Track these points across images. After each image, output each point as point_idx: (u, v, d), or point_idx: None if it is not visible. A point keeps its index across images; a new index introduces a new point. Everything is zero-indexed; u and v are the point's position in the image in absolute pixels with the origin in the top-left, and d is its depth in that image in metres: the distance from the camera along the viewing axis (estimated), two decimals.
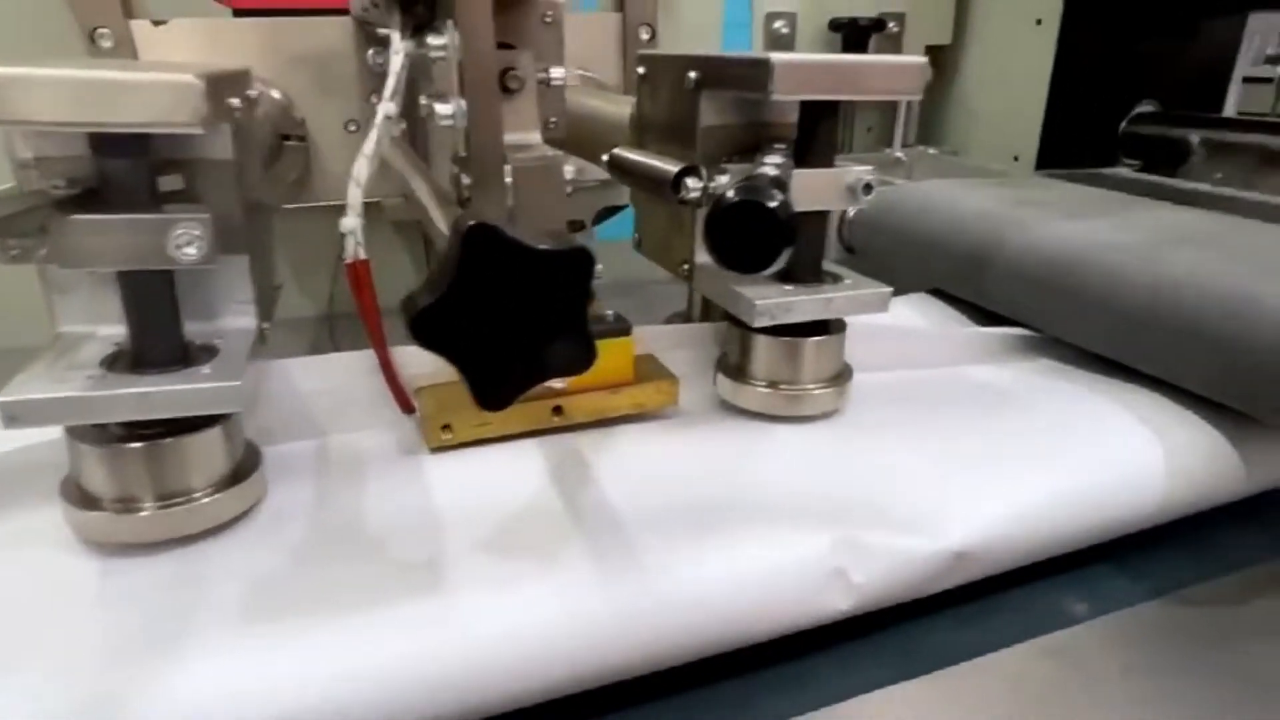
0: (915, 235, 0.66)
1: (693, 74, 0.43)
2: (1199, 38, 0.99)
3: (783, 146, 0.42)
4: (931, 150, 1.02)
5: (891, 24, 0.99)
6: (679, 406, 0.47)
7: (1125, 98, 0.99)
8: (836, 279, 0.45)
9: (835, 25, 0.94)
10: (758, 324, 0.42)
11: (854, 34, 0.93)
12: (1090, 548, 0.44)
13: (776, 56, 0.36)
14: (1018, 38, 0.97)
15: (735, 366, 0.47)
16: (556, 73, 0.42)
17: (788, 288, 0.43)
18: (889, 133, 1.07)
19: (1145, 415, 0.47)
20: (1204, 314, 0.45)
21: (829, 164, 0.42)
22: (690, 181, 0.39)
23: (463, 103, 0.36)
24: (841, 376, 0.47)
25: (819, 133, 0.42)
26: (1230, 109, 1.05)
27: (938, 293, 0.66)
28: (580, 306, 0.27)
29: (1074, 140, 0.97)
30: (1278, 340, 0.41)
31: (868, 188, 0.42)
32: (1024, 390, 0.50)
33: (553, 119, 0.46)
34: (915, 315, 0.66)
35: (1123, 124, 0.99)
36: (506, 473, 0.41)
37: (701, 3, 0.90)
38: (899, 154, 1.00)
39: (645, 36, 0.87)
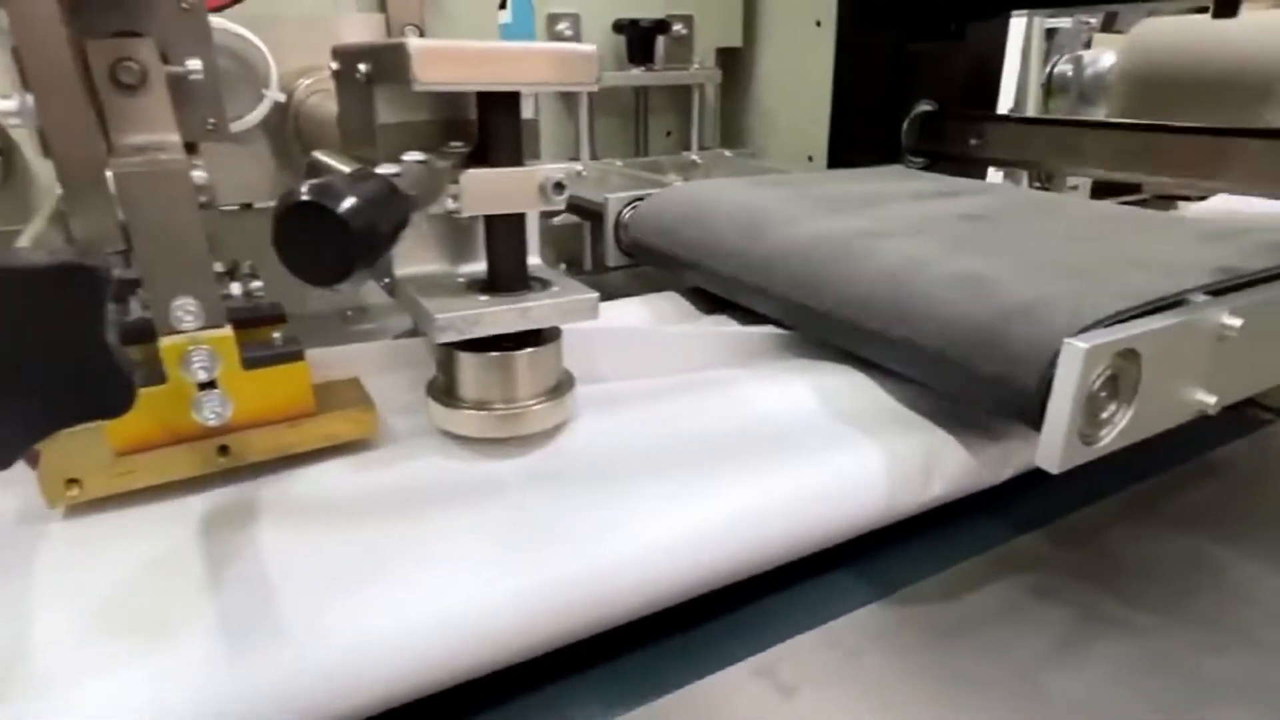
0: (682, 235, 0.64)
1: (362, 66, 0.39)
2: (968, 39, 1.03)
3: (459, 145, 0.38)
4: (728, 153, 1.01)
5: (678, 26, 0.98)
6: (384, 435, 0.43)
7: (907, 97, 1.02)
8: (545, 285, 0.42)
9: (618, 27, 0.92)
10: (441, 340, 0.38)
11: (637, 36, 0.91)
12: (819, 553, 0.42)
13: (415, 42, 0.33)
14: (801, 40, 0.98)
15: (443, 388, 0.43)
16: (193, 65, 0.37)
17: (482, 298, 0.40)
18: (689, 136, 1.06)
19: (875, 416, 0.47)
20: (939, 317, 0.44)
21: (516, 163, 0.39)
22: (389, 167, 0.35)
23: (28, 97, 0.30)
24: (561, 388, 0.44)
25: (498, 129, 0.38)
26: (1003, 106, 1.11)
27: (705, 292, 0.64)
28: (94, 333, 0.22)
29: (862, 139, 1.00)
30: (1014, 342, 0.40)
31: (558, 187, 0.39)
32: (762, 395, 0.49)
33: (210, 119, 0.41)
34: (676, 316, 0.65)
35: (905, 123, 1.02)
36: (144, 531, 0.35)
37: (477, 2, 0.86)
38: (695, 157, 0.99)
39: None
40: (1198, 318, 0.40)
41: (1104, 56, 1.13)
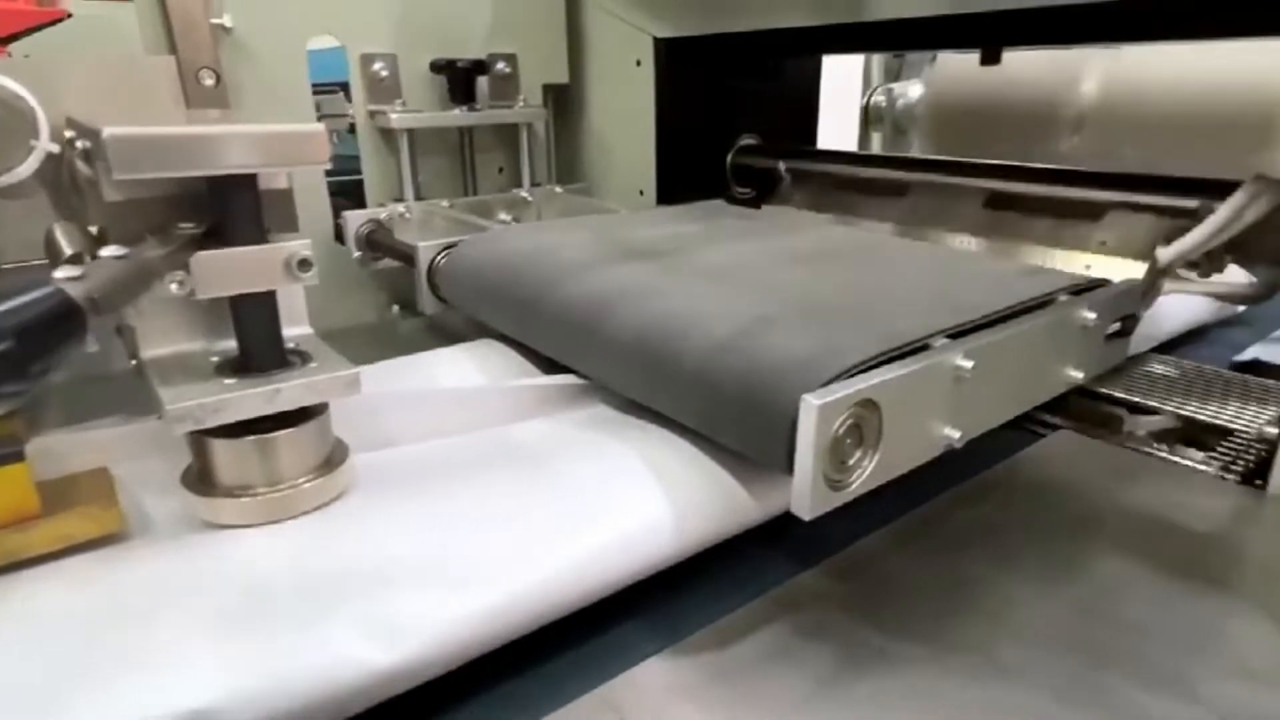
0: (482, 286, 0.64)
1: (80, 144, 0.37)
2: (786, 77, 1.09)
3: (189, 225, 0.36)
4: (559, 189, 1.02)
5: (501, 64, 0.98)
6: (142, 524, 0.40)
7: (730, 132, 1.06)
8: (305, 360, 0.41)
9: (435, 67, 0.91)
10: (177, 432, 0.36)
11: (456, 76, 0.91)
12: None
13: (111, 131, 0.31)
14: (624, 78, 1.00)
15: (198, 475, 0.41)
16: None
17: (229, 381, 0.38)
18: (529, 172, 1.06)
19: (663, 463, 0.48)
20: (712, 364, 0.46)
21: (256, 240, 0.38)
22: (68, 270, 0.32)
23: None
24: (331, 462, 0.42)
25: (233, 207, 0.37)
26: (822, 140, 1.17)
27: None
28: None
29: (690, 173, 1.02)
30: (762, 401, 0.42)
31: (304, 264, 0.38)
32: (553, 445, 0.49)
33: None
34: (499, 364, 0.64)
35: (729, 156, 1.06)
36: None
37: (282, 43, 0.83)
38: (525, 194, 0.99)
39: (209, 82, 0.79)
40: (934, 362, 0.43)
41: (912, 88, 1.21)
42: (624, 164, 1.05)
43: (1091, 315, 0.53)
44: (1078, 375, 0.54)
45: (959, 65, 1.13)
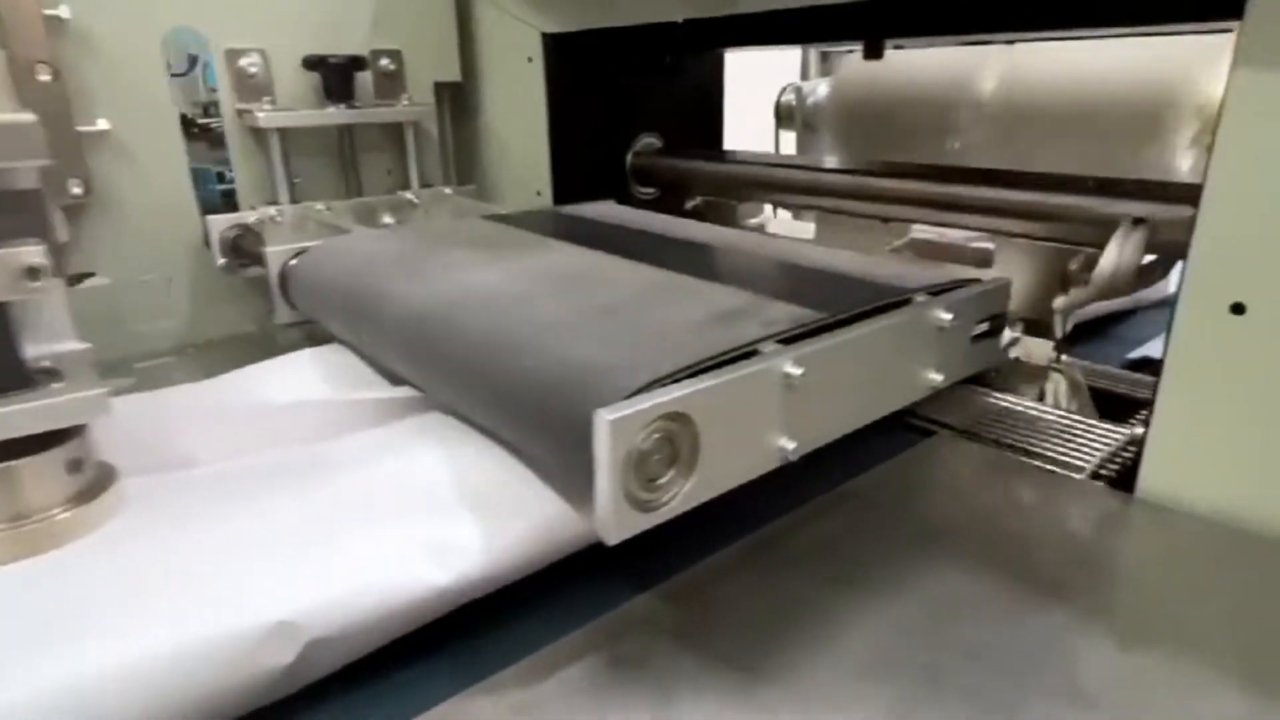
0: (327, 290, 0.59)
1: None
2: (686, 75, 1.06)
3: None
4: (449, 190, 0.98)
5: (385, 60, 0.94)
6: None
7: (628, 131, 1.03)
8: (54, 378, 0.37)
9: (308, 64, 0.87)
10: None
11: (330, 73, 0.86)
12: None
13: None
14: (516, 75, 0.97)
15: None
16: None
17: None
18: (420, 173, 1.02)
19: (481, 482, 0.44)
20: (523, 377, 0.43)
21: None
22: None
23: None
24: (93, 491, 0.38)
25: None
26: (754, 141, 1.15)
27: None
28: None
29: (587, 173, 0.99)
30: (565, 415, 0.39)
31: (32, 272, 0.34)
32: (360, 462, 0.45)
33: None
34: (344, 372, 0.60)
35: (629, 156, 1.03)
36: None
37: (132, 36, 0.78)
38: (411, 196, 0.95)
39: (45, 78, 0.73)
40: (758, 370, 0.40)
41: (821, 87, 1.19)
42: (520, 164, 1.01)
43: (948, 316, 0.51)
44: (937, 378, 0.52)
45: (862, 62, 1.11)
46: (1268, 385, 0.46)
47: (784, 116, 1.24)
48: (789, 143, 1.27)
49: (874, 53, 0.74)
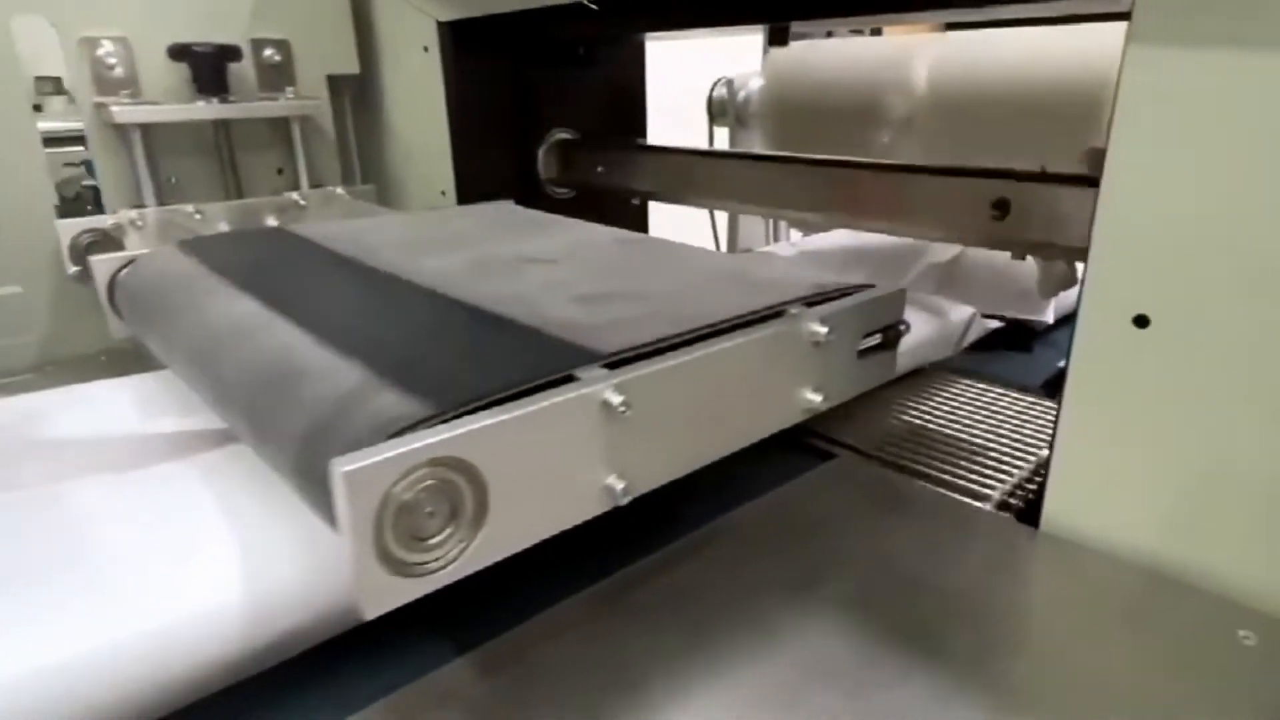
0: (146, 305, 0.53)
1: None
2: (601, 66, 1.00)
3: None
4: (340, 190, 0.91)
5: (269, 51, 0.87)
6: None
7: (539, 126, 0.96)
8: None
9: (172, 53, 0.79)
10: None
11: (198, 64, 0.79)
12: None
13: None
14: (414, 66, 0.90)
15: None
16: None
17: None
18: (314, 172, 0.95)
19: (254, 537, 0.38)
20: (292, 417, 0.36)
21: None
22: None
23: None
24: None
25: None
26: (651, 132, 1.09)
27: None
28: None
29: (493, 171, 0.93)
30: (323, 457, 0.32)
31: None
32: (117, 508, 0.39)
33: None
34: (164, 399, 0.53)
35: (540, 152, 0.96)
36: None
37: None
38: (297, 197, 0.88)
39: None
40: (567, 400, 0.34)
41: (754, 80, 1.13)
42: (423, 161, 0.94)
43: (822, 330, 0.44)
44: (815, 399, 0.46)
45: (793, 53, 1.05)
46: (1175, 406, 0.41)
47: (716, 112, 1.18)
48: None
49: (780, 39, 0.68)
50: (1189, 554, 0.42)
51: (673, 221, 1.19)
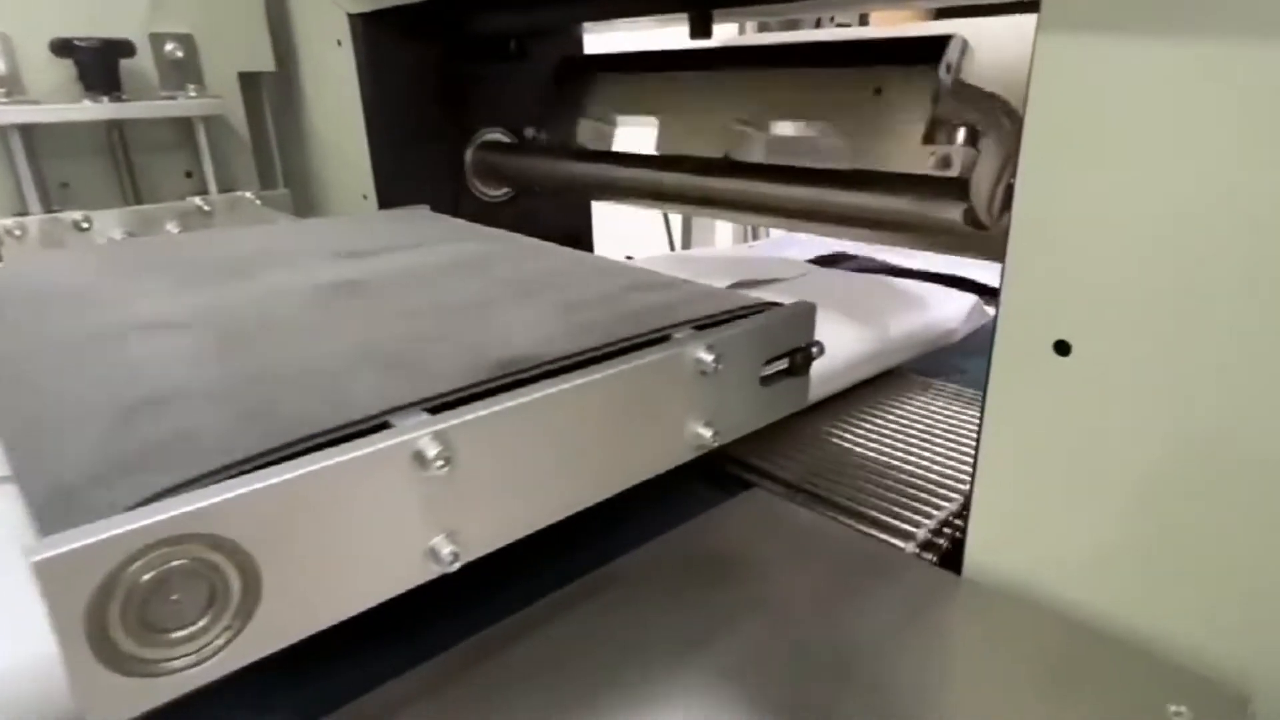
0: None
1: None
2: (540, 62, 0.94)
3: None
4: (250, 195, 0.85)
5: (170, 46, 0.81)
6: None
7: (467, 125, 0.91)
8: None
9: (56, 48, 0.74)
10: None
11: (84, 60, 0.73)
12: None
13: None
14: (328, 63, 0.84)
15: None
16: None
17: None
18: (227, 176, 0.89)
19: None
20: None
21: None
22: None
23: None
24: None
25: None
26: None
27: None
28: None
29: (417, 173, 0.87)
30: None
31: None
32: None
33: None
34: None
35: (468, 152, 0.91)
36: None
37: None
38: (200, 202, 0.82)
39: None
40: (366, 455, 0.29)
41: None
42: (343, 164, 0.89)
43: (709, 358, 0.39)
44: (706, 435, 0.41)
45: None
46: (1100, 442, 0.36)
47: None
48: None
49: (702, 30, 0.63)
50: (1118, 607, 0.37)
51: (625, 219, 1.14)
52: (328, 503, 0.28)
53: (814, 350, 0.47)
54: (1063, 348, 0.36)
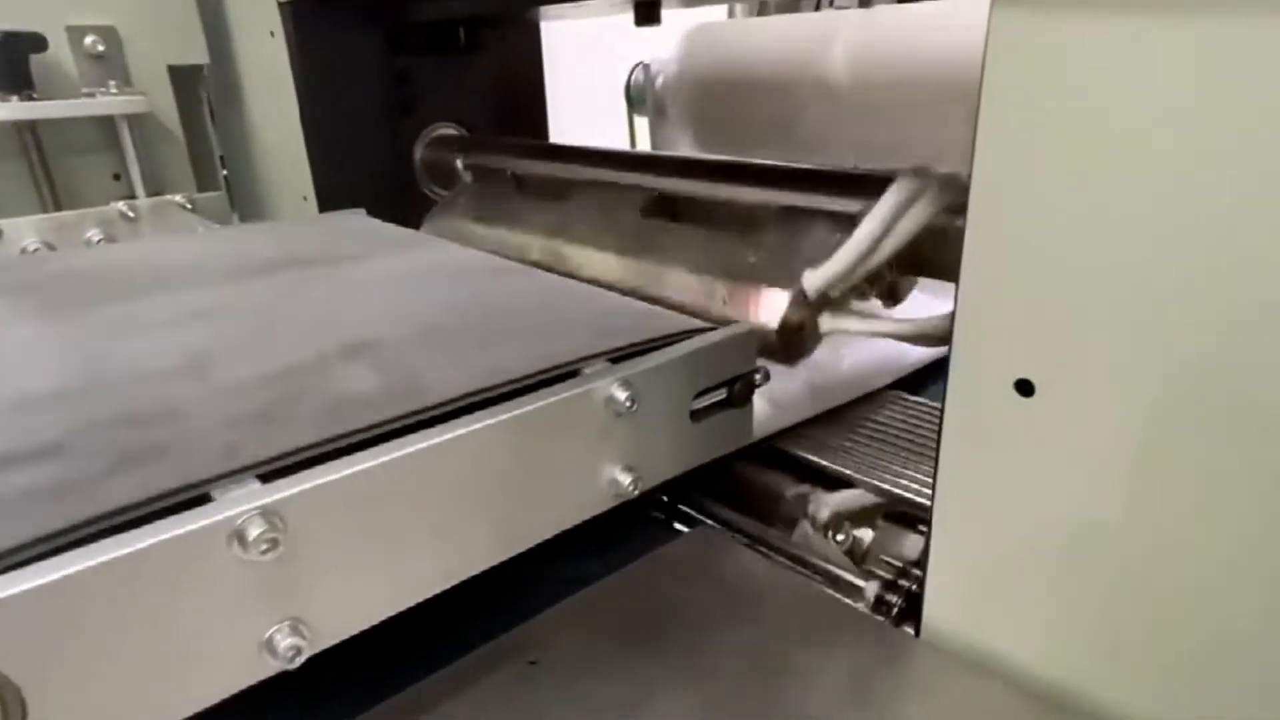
0: None
1: None
2: (492, 53, 0.88)
3: None
4: (179, 199, 0.79)
5: (91, 39, 0.76)
6: None
7: (415, 120, 0.85)
8: None
9: None
10: None
11: None
12: None
13: None
14: (263, 55, 0.79)
15: None
16: None
17: None
18: (159, 178, 0.84)
19: None
20: None
21: None
22: None
23: None
24: None
25: None
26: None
27: None
28: None
29: (360, 172, 0.81)
30: None
31: None
32: None
33: None
34: None
35: (418, 150, 0.85)
36: None
37: None
38: (124, 208, 0.77)
39: None
40: (164, 541, 0.23)
41: (672, 64, 1.02)
42: (281, 163, 0.83)
43: (622, 395, 0.34)
44: (624, 481, 0.36)
45: (710, 33, 0.95)
46: (1063, 488, 0.30)
47: (635, 100, 1.07)
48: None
49: (648, 18, 0.57)
50: (1085, 682, 0.32)
51: None
52: (123, 602, 0.23)
53: (756, 378, 0.42)
54: (1025, 387, 0.30)
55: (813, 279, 0.46)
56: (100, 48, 0.76)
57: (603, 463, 0.35)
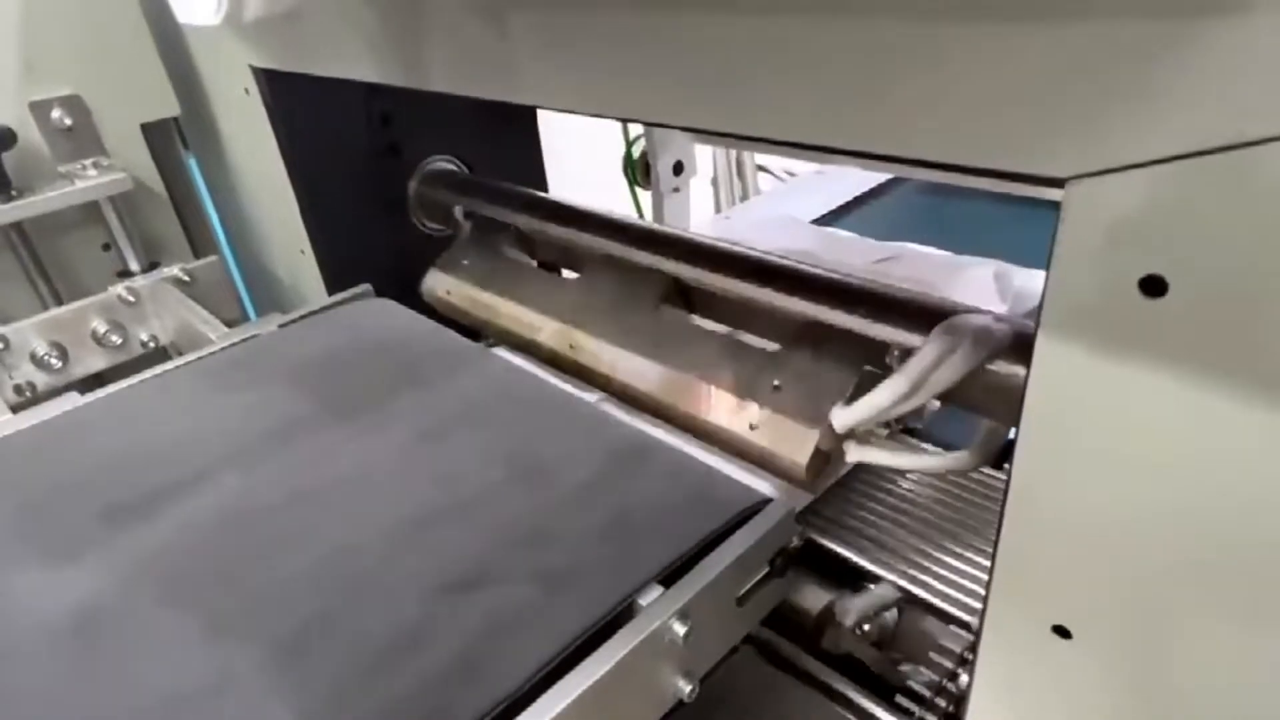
0: None
1: None
2: None
3: None
4: (178, 270, 0.77)
5: (58, 113, 0.72)
6: None
7: (410, 154, 0.82)
8: None
9: None
10: None
11: None
12: None
13: None
14: (240, 112, 0.75)
15: None
16: None
17: None
18: (151, 244, 0.81)
19: None
20: None
21: None
22: None
23: None
24: None
25: None
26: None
27: None
28: None
29: (356, 218, 0.79)
30: None
31: None
32: None
33: None
34: None
35: (413, 185, 0.82)
36: None
37: None
38: (123, 292, 0.74)
39: None
40: None
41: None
42: (275, 215, 0.81)
43: (681, 630, 0.36)
44: (685, 689, 0.38)
45: None
46: None
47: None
48: None
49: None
50: None
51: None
52: None
53: (794, 542, 0.44)
54: (1063, 632, 0.32)
55: (842, 418, 0.46)
56: (68, 121, 0.72)
57: (664, 682, 0.38)
